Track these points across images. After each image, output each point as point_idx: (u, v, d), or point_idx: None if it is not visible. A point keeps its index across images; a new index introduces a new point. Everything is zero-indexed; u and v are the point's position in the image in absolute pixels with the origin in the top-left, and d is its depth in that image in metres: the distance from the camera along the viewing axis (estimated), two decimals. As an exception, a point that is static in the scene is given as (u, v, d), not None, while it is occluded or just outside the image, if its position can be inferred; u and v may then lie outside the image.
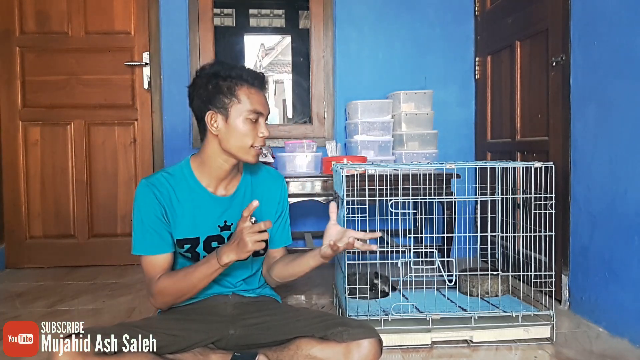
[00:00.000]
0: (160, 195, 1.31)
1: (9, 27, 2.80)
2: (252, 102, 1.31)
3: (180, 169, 1.38)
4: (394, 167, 1.85)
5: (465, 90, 3.00)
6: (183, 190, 1.35)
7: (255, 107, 1.31)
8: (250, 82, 1.32)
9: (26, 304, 2.18)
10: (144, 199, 1.31)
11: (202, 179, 1.36)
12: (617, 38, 1.74)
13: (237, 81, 1.31)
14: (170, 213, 1.32)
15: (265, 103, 1.35)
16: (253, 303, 1.41)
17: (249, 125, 1.31)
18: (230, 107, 1.30)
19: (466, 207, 2.23)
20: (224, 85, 1.30)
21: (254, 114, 1.31)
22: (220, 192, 1.38)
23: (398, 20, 2.97)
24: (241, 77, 1.31)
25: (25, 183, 2.85)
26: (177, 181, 1.35)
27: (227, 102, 1.30)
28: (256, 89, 1.33)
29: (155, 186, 1.32)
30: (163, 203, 1.31)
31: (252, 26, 4.04)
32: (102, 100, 2.86)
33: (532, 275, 1.87)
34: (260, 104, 1.32)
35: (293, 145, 2.59)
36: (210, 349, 1.29)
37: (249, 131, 1.31)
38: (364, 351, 1.17)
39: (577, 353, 1.59)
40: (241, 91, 1.30)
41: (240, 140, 1.31)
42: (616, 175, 1.74)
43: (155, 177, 1.35)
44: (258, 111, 1.32)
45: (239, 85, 1.31)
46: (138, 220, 1.31)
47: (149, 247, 1.30)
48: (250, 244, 1.15)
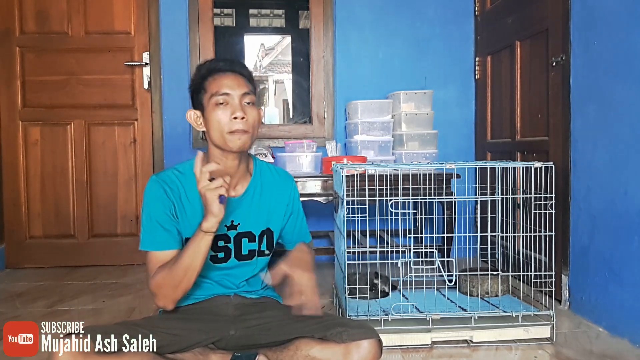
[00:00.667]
0: (171, 191, 1.31)
1: (9, 27, 2.80)
2: (215, 85, 1.28)
3: (191, 166, 1.35)
4: (394, 167, 1.85)
5: (465, 90, 3.00)
6: (193, 188, 1.32)
7: (218, 89, 1.27)
8: (217, 68, 1.30)
9: (26, 304, 2.18)
10: (153, 194, 1.30)
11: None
12: (617, 38, 1.74)
13: (206, 74, 1.31)
14: (180, 211, 1.31)
15: (233, 84, 1.29)
16: (254, 304, 1.41)
17: (219, 110, 1.27)
18: (203, 100, 1.30)
19: (466, 207, 2.24)
20: (197, 82, 1.31)
21: (219, 97, 1.27)
22: (229, 192, 1.37)
23: (398, 20, 2.97)
24: (208, 68, 1.31)
25: (25, 183, 2.85)
26: (188, 179, 1.34)
27: (201, 97, 1.31)
28: (222, 73, 1.30)
29: (165, 182, 1.31)
30: (173, 200, 1.31)
31: (252, 26, 4.05)
32: (102, 100, 2.86)
33: (532, 275, 1.87)
34: (224, 85, 1.28)
35: (293, 145, 2.59)
36: (210, 349, 1.29)
37: (221, 117, 1.27)
38: (363, 352, 1.16)
39: (577, 353, 1.59)
40: (208, 82, 1.30)
41: (217, 129, 1.28)
42: (616, 175, 1.74)
43: (166, 173, 1.34)
44: (222, 92, 1.27)
45: (208, 78, 1.30)
46: (147, 216, 1.30)
47: (157, 242, 1.29)
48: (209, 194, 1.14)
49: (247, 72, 1.35)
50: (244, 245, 1.38)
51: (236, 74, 1.31)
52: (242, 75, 1.33)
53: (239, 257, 1.38)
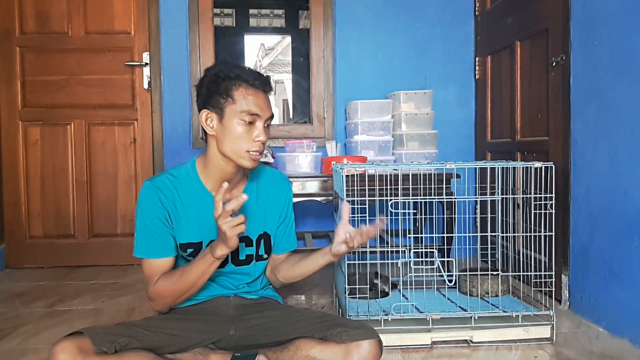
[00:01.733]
0: (165, 198, 1.29)
1: (9, 27, 2.80)
2: (247, 102, 1.24)
3: (185, 171, 1.35)
4: (394, 167, 1.85)
5: (465, 90, 3.00)
6: (188, 193, 1.32)
7: (250, 108, 1.24)
8: (250, 83, 1.26)
9: (26, 304, 2.18)
10: (147, 201, 1.28)
11: (207, 182, 1.34)
12: (617, 38, 1.74)
13: (235, 81, 1.26)
14: (174, 216, 1.30)
15: (264, 106, 1.27)
16: (254, 304, 1.41)
17: (243, 128, 1.25)
18: (225, 107, 1.25)
19: (466, 207, 2.24)
20: (222, 84, 1.26)
21: (248, 116, 1.24)
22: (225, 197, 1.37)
23: (398, 20, 2.97)
24: (239, 76, 1.26)
25: (25, 183, 2.85)
26: (182, 184, 1.32)
27: (223, 102, 1.26)
28: (255, 90, 1.26)
29: (159, 189, 1.29)
30: (167, 206, 1.29)
31: (252, 26, 4.04)
32: (102, 100, 2.86)
33: (532, 275, 1.87)
34: (256, 106, 1.25)
35: (293, 145, 2.59)
36: (210, 349, 1.29)
37: (243, 134, 1.25)
38: (363, 352, 1.16)
39: (577, 353, 1.59)
40: (238, 91, 1.25)
41: (234, 143, 1.25)
42: (616, 175, 1.74)
43: (159, 179, 1.32)
44: (253, 112, 1.24)
45: (237, 85, 1.25)
46: (141, 223, 1.28)
47: (151, 250, 1.28)
48: (229, 231, 1.11)
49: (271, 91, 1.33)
50: (241, 250, 1.37)
51: (266, 95, 1.29)
52: (269, 95, 1.31)
53: (237, 262, 1.38)
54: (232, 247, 1.15)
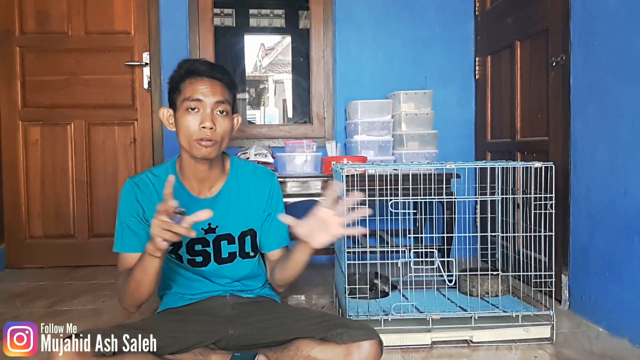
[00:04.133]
0: (142, 195, 1.31)
1: (9, 27, 2.80)
2: (189, 89, 1.24)
3: (166, 169, 1.37)
4: (394, 167, 1.85)
5: (465, 90, 3.00)
6: None
7: (191, 94, 1.24)
8: (195, 72, 1.26)
9: (26, 304, 2.18)
10: (124, 197, 1.32)
11: (185, 180, 1.35)
12: (617, 38, 1.74)
13: (184, 74, 1.28)
14: (150, 214, 1.28)
15: (208, 91, 1.24)
16: (252, 303, 1.41)
17: (190, 116, 1.24)
18: (177, 100, 1.28)
19: (466, 207, 2.24)
20: (175, 80, 1.29)
21: (191, 102, 1.23)
22: (204, 194, 1.35)
23: (398, 20, 2.97)
24: (187, 69, 1.27)
25: (25, 183, 2.85)
26: (162, 182, 1.29)
27: (175, 97, 1.28)
28: (199, 77, 1.25)
29: (137, 185, 1.33)
30: (142, 204, 1.31)
31: (252, 26, 4.05)
32: (102, 100, 2.86)
33: (532, 275, 1.87)
34: (198, 91, 1.24)
35: (293, 145, 2.59)
36: (210, 349, 1.29)
37: (188, 122, 1.24)
38: (364, 352, 1.16)
39: (577, 353, 1.59)
40: (184, 82, 1.27)
41: (184, 134, 1.25)
42: (616, 175, 1.74)
43: (140, 177, 1.35)
44: (194, 98, 1.23)
45: (184, 77, 1.27)
46: (118, 218, 1.32)
47: (125, 245, 1.31)
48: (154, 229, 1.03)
49: (227, 80, 1.30)
50: (224, 248, 1.37)
51: (214, 81, 1.27)
52: (221, 82, 1.28)
53: (219, 261, 1.38)
54: (158, 246, 1.06)
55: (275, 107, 5.01)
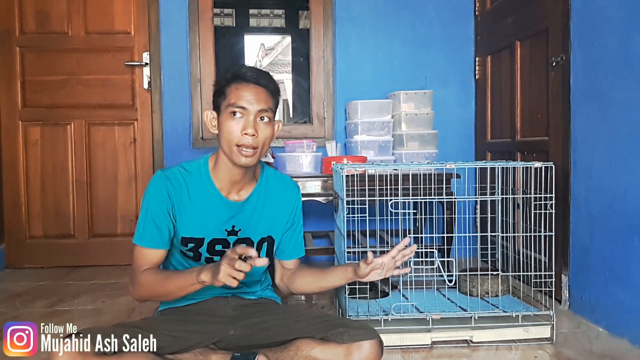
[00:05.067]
0: (173, 189, 1.30)
1: (9, 27, 2.80)
2: (235, 95, 1.25)
3: (198, 167, 1.36)
4: (394, 167, 1.85)
5: (465, 90, 3.00)
6: (197, 189, 1.33)
7: (235, 101, 1.24)
8: (241, 77, 1.27)
9: (26, 304, 2.18)
10: (155, 190, 1.30)
11: (216, 180, 1.34)
12: (617, 38, 1.74)
13: (230, 79, 1.28)
14: (179, 209, 1.30)
15: (253, 98, 1.25)
16: (253, 304, 1.41)
17: (233, 121, 1.25)
18: (221, 104, 1.28)
19: (466, 207, 2.24)
20: (221, 84, 1.29)
21: (235, 108, 1.24)
22: (232, 197, 1.35)
23: (398, 20, 2.97)
24: (234, 74, 1.28)
25: (25, 183, 2.85)
26: (193, 179, 1.33)
27: (220, 101, 1.28)
28: (245, 83, 1.26)
29: (169, 179, 1.30)
30: (173, 198, 1.30)
31: (252, 26, 4.04)
32: (102, 100, 2.86)
33: (532, 275, 1.87)
34: (242, 98, 1.24)
35: (293, 145, 2.59)
36: (210, 349, 1.29)
37: (231, 127, 1.24)
38: (364, 352, 1.17)
39: (577, 353, 1.59)
40: (230, 87, 1.27)
41: (225, 139, 1.26)
42: (616, 176, 1.74)
43: (171, 170, 1.33)
44: (238, 105, 1.24)
45: (231, 82, 1.27)
46: (144, 210, 1.30)
47: (145, 239, 1.29)
48: (223, 275, 1.06)
49: (272, 87, 1.30)
50: None
51: (259, 87, 1.27)
52: (266, 89, 1.28)
53: None
54: (218, 285, 1.10)
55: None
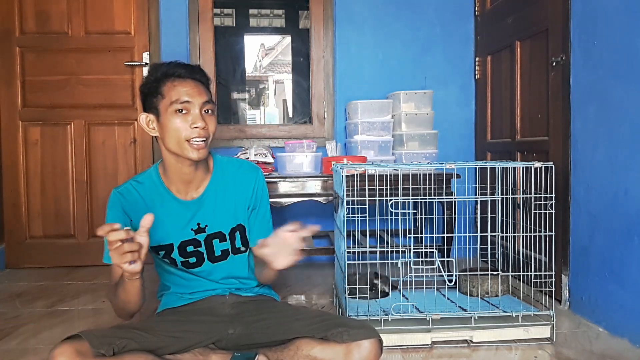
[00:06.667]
0: (127, 204, 1.32)
1: (9, 27, 2.80)
2: (175, 92, 1.25)
3: (149, 176, 1.37)
4: (394, 167, 1.85)
5: (465, 90, 3.00)
6: (153, 198, 1.34)
7: (178, 97, 1.24)
8: (175, 74, 1.27)
9: (26, 304, 2.18)
10: (110, 208, 1.34)
11: (170, 184, 1.35)
12: (617, 38, 1.74)
13: (162, 78, 1.27)
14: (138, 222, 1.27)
15: (194, 92, 1.26)
16: (251, 302, 1.41)
17: (178, 118, 1.25)
18: (159, 105, 1.27)
19: (466, 207, 2.24)
20: (152, 85, 1.28)
21: (178, 104, 1.24)
22: (190, 196, 1.36)
23: (398, 20, 2.97)
24: (165, 72, 1.27)
25: (25, 183, 2.85)
26: (147, 189, 1.35)
27: (156, 101, 1.27)
28: (181, 79, 1.27)
29: (122, 195, 1.33)
30: (129, 213, 1.31)
31: (252, 26, 4.05)
32: (102, 100, 2.86)
33: (532, 275, 1.87)
34: (185, 94, 1.25)
35: (293, 145, 2.59)
36: (210, 349, 1.29)
37: (179, 124, 1.24)
38: (364, 352, 1.17)
39: (577, 353, 1.59)
40: (165, 86, 1.26)
41: (173, 137, 1.25)
42: (616, 175, 1.74)
43: (124, 186, 1.36)
44: (183, 100, 1.24)
45: (164, 81, 1.27)
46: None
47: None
48: (115, 259, 1.06)
49: (206, 80, 1.32)
50: (216, 247, 1.38)
51: (196, 82, 1.29)
52: (201, 82, 1.30)
53: (212, 259, 1.38)
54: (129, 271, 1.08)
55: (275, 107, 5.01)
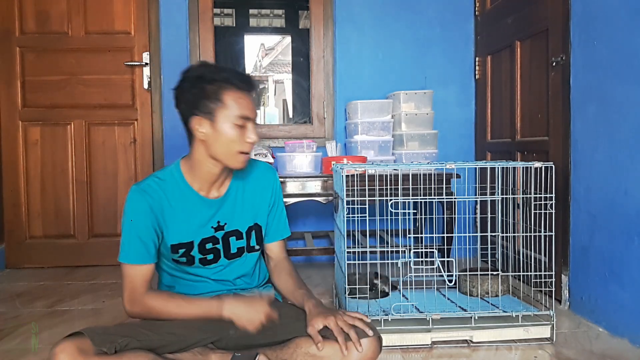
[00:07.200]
0: (153, 201, 1.29)
1: (9, 27, 2.80)
2: (240, 106, 1.25)
3: (171, 173, 1.36)
4: (394, 167, 1.85)
5: (465, 90, 3.00)
6: (175, 195, 1.33)
7: (243, 112, 1.25)
8: (238, 86, 1.26)
9: (26, 304, 2.18)
10: (136, 206, 1.28)
11: (193, 183, 1.35)
12: (617, 38, 1.74)
13: (223, 84, 1.25)
14: (163, 220, 1.30)
15: (253, 107, 1.29)
16: (253, 302, 1.41)
17: (237, 131, 1.26)
18: (216, 112, 1.25)
19: (466, 207, 2.24)
20: (210, 89, 1.25)
21: (241, 120, 1.25)
22: (212, 195, 1.37)
23: (398, 20, 2.97)
24: (228, 80, 1.26)
25: (25, 183, 2.85)
26: (169, 186, 1.33)
27: (213, 107, 1.25)
28: (244, 93, 1.27)
29: (147, 193, 1.29)
30: (156, 211, 1.29)
31: (252, 26, 4.05)
32: (102, 100, 2.86)
33: (532, 275, 1.87)
34: (248, 109, 1.27)
35: (293, 145, 2.59)
36: (210, 348, 1.29)
37: (236, 137, 1.26)
38: (363, 349, 1.17)
39: (577, 353, 1.59)
40: (228, 95, 1.25)
41: (226, 146, 1.27)
42: (616, 175, 1.74)
43: (146, 182, 1.32)
44: (246, 116, 1.26)
45: (225, 89, 1.25)
46: (128, 229, 1.28)
47: (131, 256, 1.28)
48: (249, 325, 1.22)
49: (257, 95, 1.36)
50: (232, 244, 1.39)
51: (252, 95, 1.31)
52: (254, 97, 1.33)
53: (228, 256, 1.39)
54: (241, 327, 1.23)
55: (275, 107, 5.01)
